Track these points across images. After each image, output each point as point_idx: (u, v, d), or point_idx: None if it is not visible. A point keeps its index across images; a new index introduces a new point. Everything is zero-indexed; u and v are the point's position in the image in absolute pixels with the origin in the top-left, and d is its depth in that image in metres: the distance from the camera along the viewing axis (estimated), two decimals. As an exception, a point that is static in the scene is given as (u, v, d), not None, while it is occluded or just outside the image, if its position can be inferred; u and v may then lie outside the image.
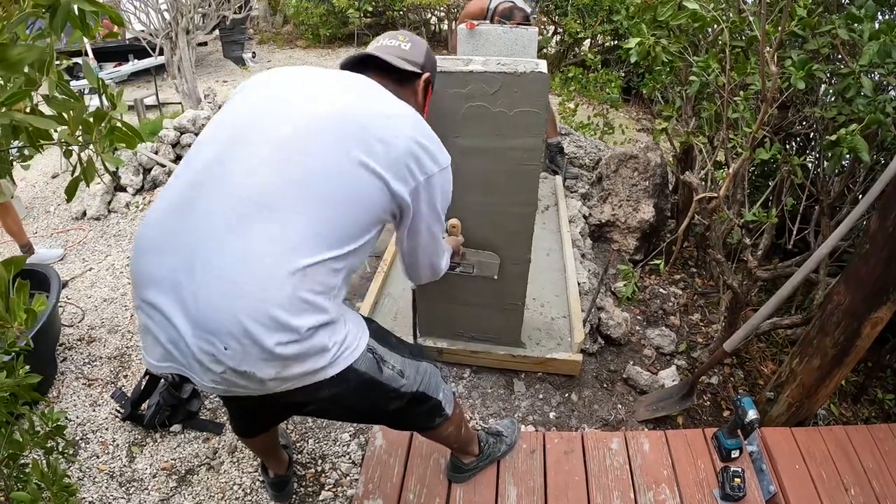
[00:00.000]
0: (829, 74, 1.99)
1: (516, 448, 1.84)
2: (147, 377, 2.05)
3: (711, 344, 2.58)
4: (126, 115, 0.99)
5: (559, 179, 3.41)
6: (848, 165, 2.33)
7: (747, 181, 2.52)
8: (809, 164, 2.63)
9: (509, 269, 1.96)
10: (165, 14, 4.41)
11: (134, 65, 6.68)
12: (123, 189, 3.69)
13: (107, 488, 1.81)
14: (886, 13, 2.01)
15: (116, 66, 6.66)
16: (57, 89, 0.85)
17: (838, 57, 2.00)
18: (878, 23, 1.67)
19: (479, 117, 1.64)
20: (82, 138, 0.89)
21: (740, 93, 1.93)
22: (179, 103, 4.99)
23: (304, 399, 1.09)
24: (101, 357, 2.37)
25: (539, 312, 2.40)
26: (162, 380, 2.02)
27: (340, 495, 1.79)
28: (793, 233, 2.51)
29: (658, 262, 2.52)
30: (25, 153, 1.02)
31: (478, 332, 2.17)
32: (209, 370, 0.94)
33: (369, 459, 1.80)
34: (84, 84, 5.13)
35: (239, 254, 0.92)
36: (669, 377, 2.32)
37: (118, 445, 1.96)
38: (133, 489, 1.81)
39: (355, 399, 1.13)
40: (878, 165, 2.29)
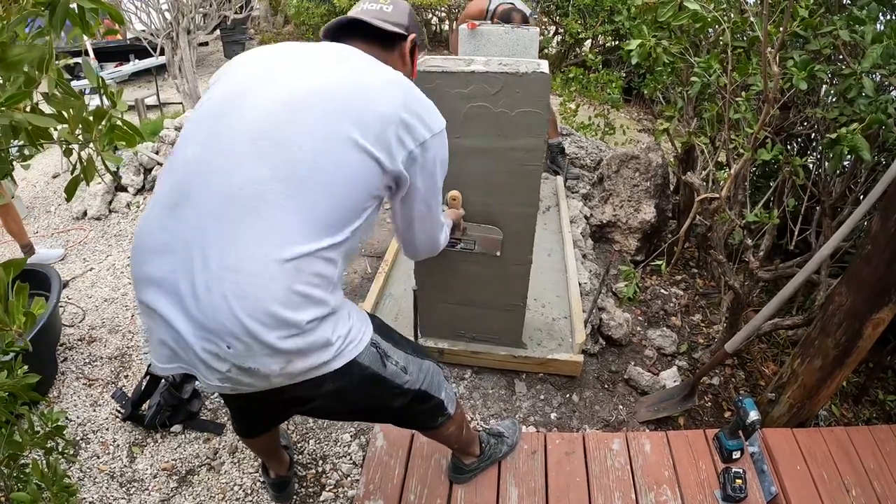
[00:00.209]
0: (831, 75, 1.99)
1: (517, 449, 1.83)
2: (147, 377, 2.04)
3: (713, 345, 2.57)
4: (127, 115, 0.98)
5: (560, 180, 3.41)
6: (849, 166, 2.32)
7: (749, 182, 2.52)
8: (811, 165, 2.62)
9: (511, 270, 1.95)
10: (166, 14, 4.40)
11: (135, 65, 6.69)
12: (124, 189, 3.70)
13: (107, 489, 1.81)
14: (888, 14, 2.00)
15: (117, 66, 6.68)
16: (56, 87, 0.85)
17: (840, 57, 1.99)
18: (880, 24, 1.67)
19: (481, 118, 1.64)
20: (82, 137, 0.88)
21: (742, 93, 1.93)
22: (180, 103, 4.99)
23: (308, 394, 1.08)
24: (102, 357, 2.36)
25: (540, 313, 2.39)
26: (162, 380, 2.02)
27: (341, 496, 1.79)
28: (794, 234, 2.50)
29: (659, 263, 2.51)
30: (25, 153, 1.02)
31: (479, 333, 2.17)
32: (214, 369, 0.95)
33: (370, 460, 1.80)
34: (85, 84, 5.14)
35: (233, 252, 0.91)
36: (671, 378, 2.32)
37: (119, 446, 1.96)
38: (133, 489, 1.81)
39: (358, 394, 1.13)
40: (880, 166, 2.29)
